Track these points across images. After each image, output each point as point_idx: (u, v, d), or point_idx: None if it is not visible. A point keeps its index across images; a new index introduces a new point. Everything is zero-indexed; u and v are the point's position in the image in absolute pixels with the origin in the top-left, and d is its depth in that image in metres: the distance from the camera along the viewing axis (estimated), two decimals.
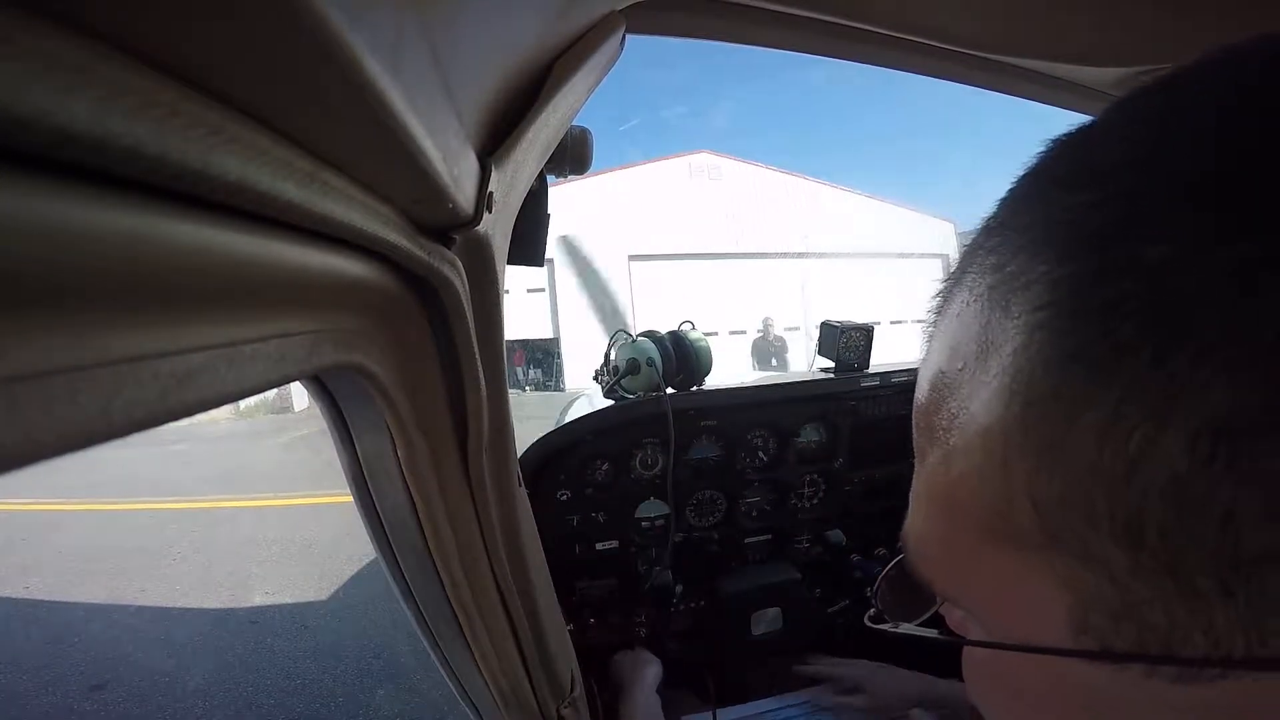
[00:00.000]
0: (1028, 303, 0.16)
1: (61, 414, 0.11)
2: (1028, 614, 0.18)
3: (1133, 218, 0.15)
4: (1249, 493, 0.13)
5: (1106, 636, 0.17)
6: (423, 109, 0.19)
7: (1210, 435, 0.13)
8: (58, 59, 0.09)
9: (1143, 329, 0.14)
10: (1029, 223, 0.17)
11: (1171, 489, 0.14)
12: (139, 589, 3.20)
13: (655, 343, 1.01)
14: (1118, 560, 0.15)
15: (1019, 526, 0.17)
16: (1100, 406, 0.15)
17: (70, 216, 0.10)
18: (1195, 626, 0.15)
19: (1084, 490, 0.15)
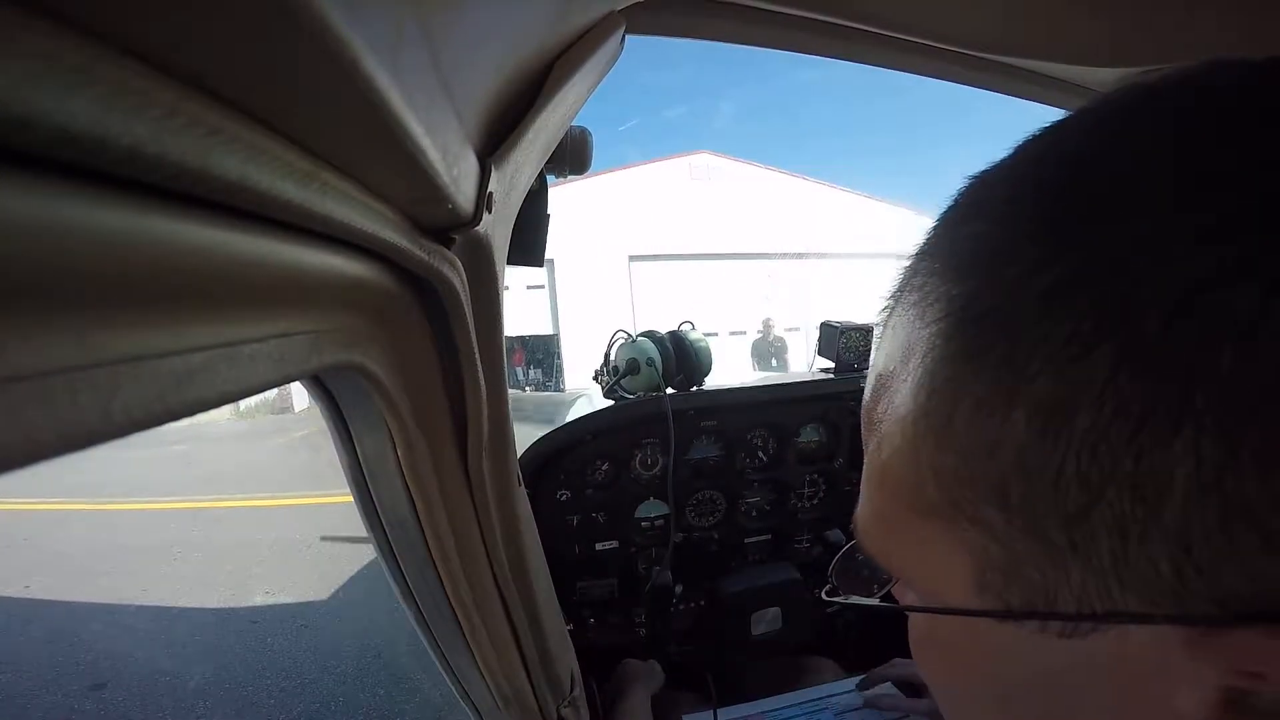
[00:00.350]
0: (932, 315, 0.20)
1: (61, 414, 0.11)
2: (943, 578, 0.21)
3: (999, 247, 0.19)
4: (1070, 457, 0.16)
5: (1003, 595, 0.20)
6: (422, 109, 0.19)
7: (1041, 413, 0.17)
8: (57, 59, 0.09)
9: (999, 335, 0.18)
10: (939, 250, 0.21)
11: (1020, 457, 0.17)
12: (140, 589, 3.20)
13: (655, 343, 1.01)
14: (996, 521, 0.19)
15: (928, 498, 0.20)
16: (974, 394, 0.18)
17: (70, 216, 0.11)
18: (1061, 582, 0.18)
19: (967, 462, 0.19)
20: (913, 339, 0.21)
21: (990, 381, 0.18)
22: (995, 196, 0.20)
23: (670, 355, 1.01)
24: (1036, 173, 0.20)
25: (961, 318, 0.19)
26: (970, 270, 0.19)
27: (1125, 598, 0.17)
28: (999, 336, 0.18)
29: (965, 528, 0.20)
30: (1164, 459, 0.15)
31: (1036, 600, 0.19)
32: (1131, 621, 0.17)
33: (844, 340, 1.12)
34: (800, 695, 0.93)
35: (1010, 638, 0.20)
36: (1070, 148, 0.19)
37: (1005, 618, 0.20)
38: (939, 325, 0.19)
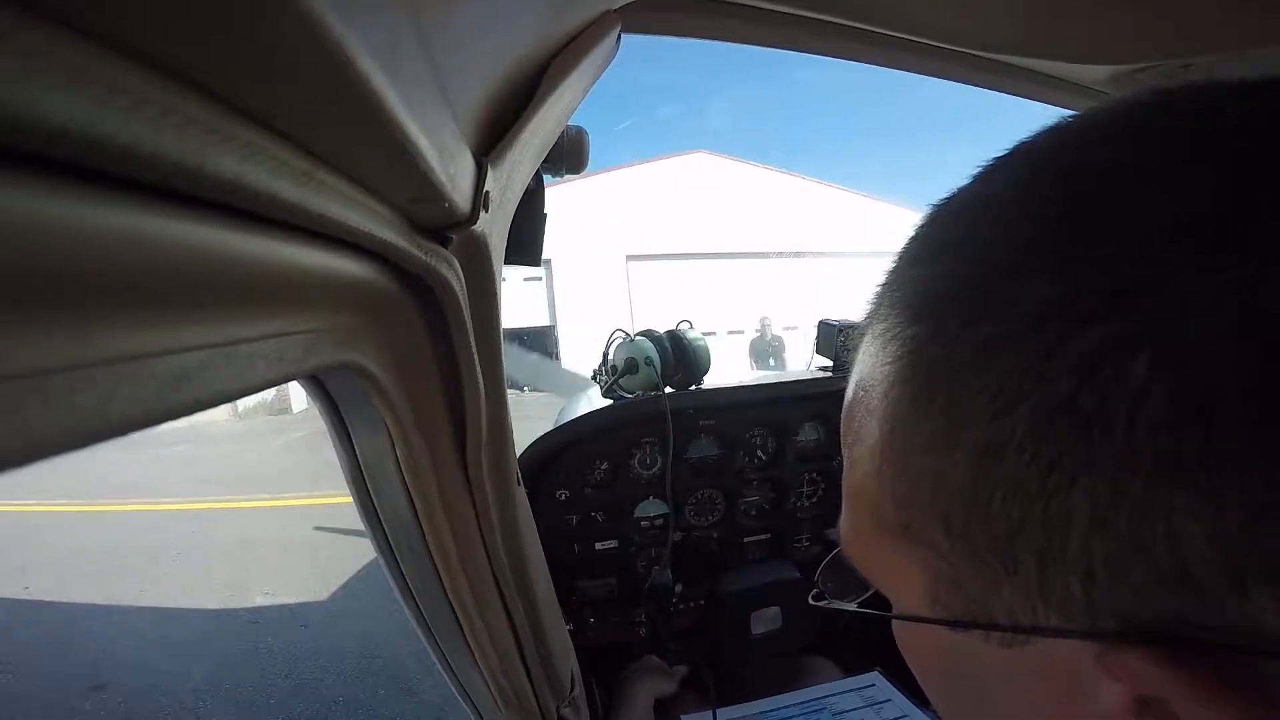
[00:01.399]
0: (892, 353, 0.22)
1: (58, 413, 0.11)
2: (905, 589, 0.24)
3: (944, 292, 0.20)
4: (997, 494, 0.19)
5: (950, 607, 0.22)
6: (418, 108, 0.19)
7: (975, 456, 0.19)
8: (53, 58, 0.09)
9: (943, 383, 0.20)
10: (902, 284, 0.23)
11: (958, 488, 0.20)
12: (139, 589, 3.20)
13: (653, 342, 1.01)
14: (942, 544, 0.21)
15: (888, 519, 0.23)
16: (923, 432, 0.20)
17: (65, 215, 0.11)
18: (996, 598, 0.20)
19: (918, 492, 0.21)
20: (877, 373, 0.23)
21: (937, 424, 0.20)
22: (945, 238, 0.22)
23: (668, 354, 1.01)
24: (974, 218, 0.22)
25: (914, 360, 0.21)
26: (921, 312, 0.21)
27: (1048, 614, 0.19)
28: (943, 384, 0.20)
29: (917, 546, 0.22)
30: (1068, 500, 0.17)
31: (977, 613, 0.21)
32: (1052, 635, 0.19)
33: (842, 338, 1.12)
34: (799, 695, 0.93)
35: (960, 644, 0.22)
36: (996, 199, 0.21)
37: (953, 626, 0.22)
38: (897, 365, 0.22)
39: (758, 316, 7.66)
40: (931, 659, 0.26)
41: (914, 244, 0.24)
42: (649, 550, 1.06)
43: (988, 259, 0.20)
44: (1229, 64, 0.63)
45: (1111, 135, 0.20)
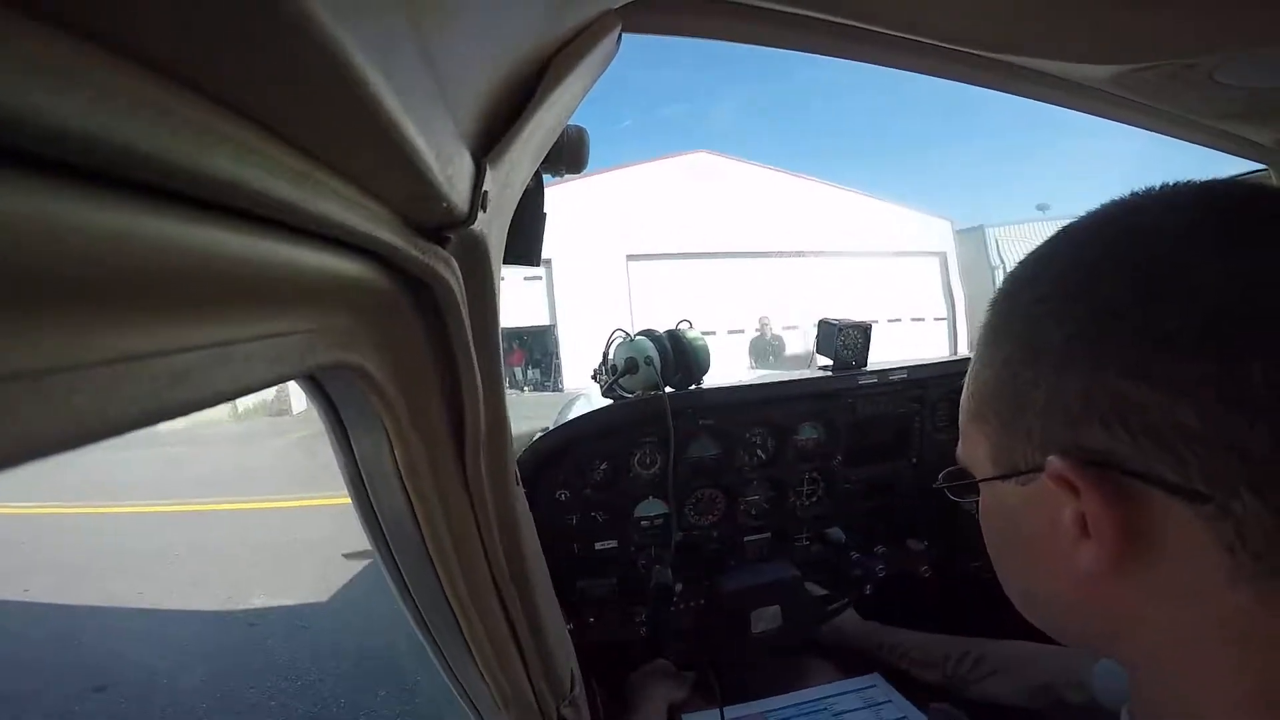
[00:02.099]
0: (982, 327, 0.35)
1: (56, 413, 0.11)
2: (981, 461, 0.35)
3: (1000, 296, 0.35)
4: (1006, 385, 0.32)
5: (1000, 463, 0.33)
6: (416, 108, 0.19)
7: (998, 367, 0.32)
8: (50, 58, 0.09)
9: (991, 334, 0.34)
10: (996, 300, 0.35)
11: (996, 384, 0.33)
12: (138, 591, 3.20)
13: (653, 341, 1.01)
14: (991, 419, 0.33)
15: (970, 410, 0.36)
16: (984, 358, 0.34)
17: (62, 215, 0.11)
18: (1017, 450, 0.31)
19: (981, 388, 0.34)
20: (977, 339, 0.36)
21: (988, 352, 0.34)
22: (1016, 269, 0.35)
23: (668, 354, 1.01)
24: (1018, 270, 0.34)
25: (987, 324, 0.34)
26: (995, 304, 0.34)
27: (1037, 459, 0.30)
28: (997, 334, 0.33)
29: (982, 425, 0.34)
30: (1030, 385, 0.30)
31: (1010, 465, 0.32)
32: (1037, 471, 0.30)
33: (842, 338, 1.12)
34: (800, 696, 0.93)
35: (1007, 492, 0.33)
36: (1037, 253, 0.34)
37: (1000, 478, 0.33)
38: (981, 332, 0.35)
39: (757, 316, 7.65)
40: (993, 508, 0.36)
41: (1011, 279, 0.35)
42: (649, 550, 1.06)
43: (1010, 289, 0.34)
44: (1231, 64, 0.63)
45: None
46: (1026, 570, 0.35)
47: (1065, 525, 0.29)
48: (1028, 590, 0.36)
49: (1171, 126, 0.85)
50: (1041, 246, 0.34)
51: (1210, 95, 0.72)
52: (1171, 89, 0.71)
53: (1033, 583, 0.35)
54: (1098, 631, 0.33)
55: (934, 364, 1.18)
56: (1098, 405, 0.27)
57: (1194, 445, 0.25)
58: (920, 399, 1.17)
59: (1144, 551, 0.27)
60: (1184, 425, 0.25)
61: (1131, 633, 0.30)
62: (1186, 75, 0.67)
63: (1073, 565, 0.30)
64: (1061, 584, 0.32)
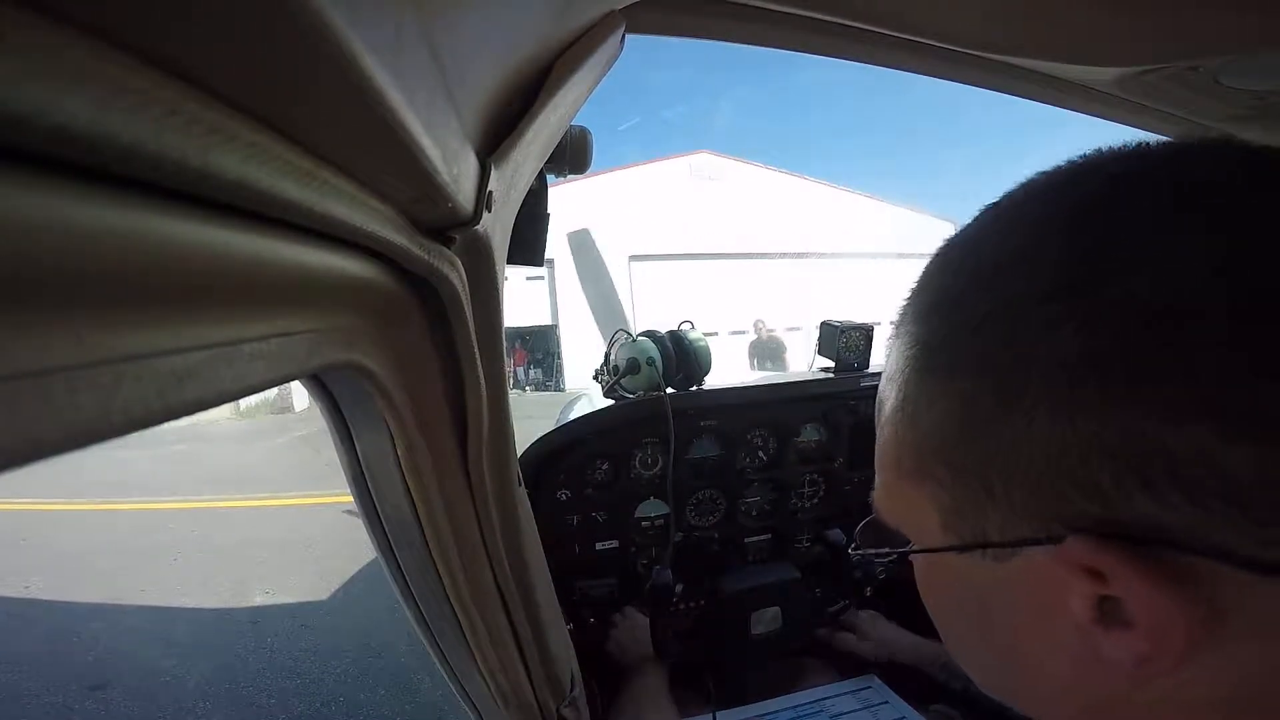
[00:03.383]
0: (906, 347, 0.28)
1: (60, 412, 0.11)
2: (923, 524, 0.28)
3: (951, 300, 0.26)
4: (975, 434, 0.24)
5: (958, 531, 0.26)
6: (422, 108, 0.19)
7: (960, 401, 0.25)
8: (57, 57, 0.09)
9: (937, 356, 0.26)
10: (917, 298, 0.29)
11: (952, 432, 0.25)
12: (139, 589, 3.20)
13: (655, 342, 1.01)
14: (944, 476, 0.26)
15: (905, 466, 0.28)
16: (926, 393, 0.26)
17: (69, 215, 0.11)
18: (986, 517, 0.25)
19: (926, 438, 0.27)
20: (896, 365, 0.29)
21: (934, 385, 0.26)
22: (950, 262, 0.28)
23: (670, 355, 1.01)
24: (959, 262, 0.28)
25: (922, 348, 0.27)
26: (930, 315, 0.27)
27: (1022, 527, 0.23)
28: (939, 358, 0.26)
29: (929, 483, 0.27)
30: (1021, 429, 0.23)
31: (976, 535, 0.25)
32: (1027, 545, 0.24)
33: (844, 340, 1.12)
34: (796, 698, 0.93)
35: (966, 566, 0.27)
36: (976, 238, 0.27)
37: (959, 550, 0.26)
38: (911, 353, 0.27)
39: (752, 319, 7.50)
40: (946, 584, 0.30)
41: (932, 265, 0.29)
42: (649, 550, 1.06)
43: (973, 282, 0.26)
44: (1234, 67, 0.63)
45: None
46: (1004, 657, 0.29)
47: (1073, 610, 0.23)
48: (1003, 679, 0.30)
49: (1174, 129, 0.84)
50: (992, 222, 0.27)
51: (1214, 98, 0.72)
52: (1175, 91, 0.71)
53: (1014, 672, 0.29)
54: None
55: None
56: (1142, 464, 0.20)
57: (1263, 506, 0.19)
58: None
59: (1207, 641, 0.21)
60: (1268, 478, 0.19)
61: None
62: (1190, 78, 0.67)
63: (1087, 656, 0.24)
64: (1062, 676, 0.25)
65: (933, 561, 0.30)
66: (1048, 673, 0.26)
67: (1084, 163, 0.25)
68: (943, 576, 0.30)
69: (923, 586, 0.32)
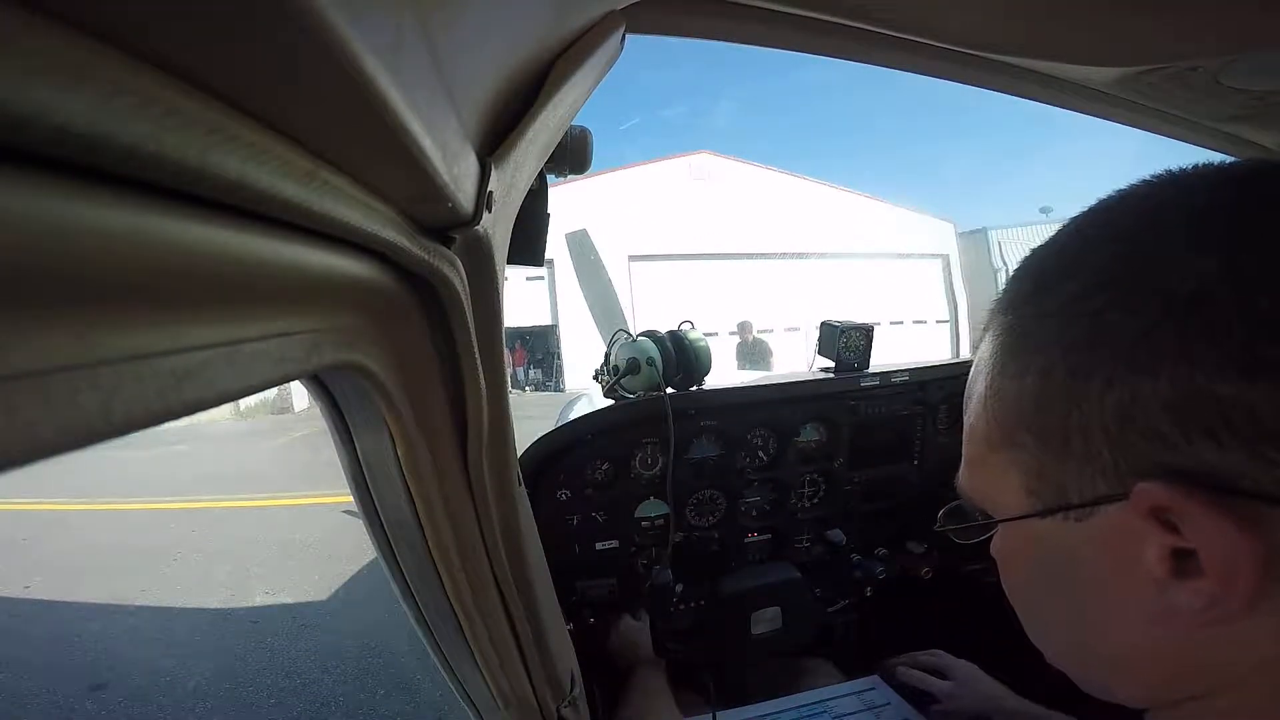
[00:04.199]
0: (993, 338, 0.32)
1: (60, 412, 0.11)
2: (1006, 492, 0.31)
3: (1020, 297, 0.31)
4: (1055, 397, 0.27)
5: (1040, 496, 0.29)
6: (422, 108, 0.19)
7: (1042, 375, 0.28)
8: (56, 57, 0.09)
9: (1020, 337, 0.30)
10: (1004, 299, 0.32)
11: (1035, 399, 0.28)
12: (140, 589, 3.20)
13: (655, 342, 1.01)
14: (1029, 442, 0.29)
15: (993, 438, 0.31)
16: (1009, 370, 0.30)
17: (68, 215, 0.10)
18: (1069, 479, 0.27)
19: (1011, 408, 0.30)
20: (985, 356, 0.32)
21: (1019, 361, 0.29)
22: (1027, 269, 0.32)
23: (670, 355, 1.01)
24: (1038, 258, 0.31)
25: (1005, 334, 0.31)
26: (1010, 310, 0.31)
27: (1100, 485, 0.26)
28: (1021, 339, 0.30)
29: (1013, 452, 0.30)
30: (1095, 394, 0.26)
31: (1059, 497, 0.28)
32: (1105, 502, 0.26)
33: (844, 340, 1.12)
34: (798, 699, 0.93)
35: (1047, 530, 0.29)
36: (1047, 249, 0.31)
37: (1042, 515, 0.29)
38: (998, 343, 0.31)
39: (735, 321, 6.70)
40: (1026, 551, 0.32)
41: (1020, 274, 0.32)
42: (649, 550, 1.06)
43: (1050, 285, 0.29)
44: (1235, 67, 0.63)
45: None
46: (1078, 620, 0.30)
47: (1148, 564, 0.25)
48: (1078, 643, 0.32)
49: (1175, 129, 0.84)
50: (1061, 239, 0.31)
51: (1215, 98, 0.72)
52: (1176, 91, 0.71)
53: (1088, 634, 0.30)
54: (1185, 687, 0.28)
55: (936, 366, 1.18)
56: (1198, 414, 0.23)
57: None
58: (922, 401, 1.17)
59: (1270, 588, 0.23)
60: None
61: (1242, 684, 0.26)
62: (1191, 78, 0.67)
63: (1160, 610, 0.26)
64: (1135, 634, 0.27)
65: (1014, 531, 0.32)
66: (1120, 631, 0.28)
67: (1127, 190, 0.30)
68: (1023, 544, 0.32)
69: (1004, 560, 0.35)
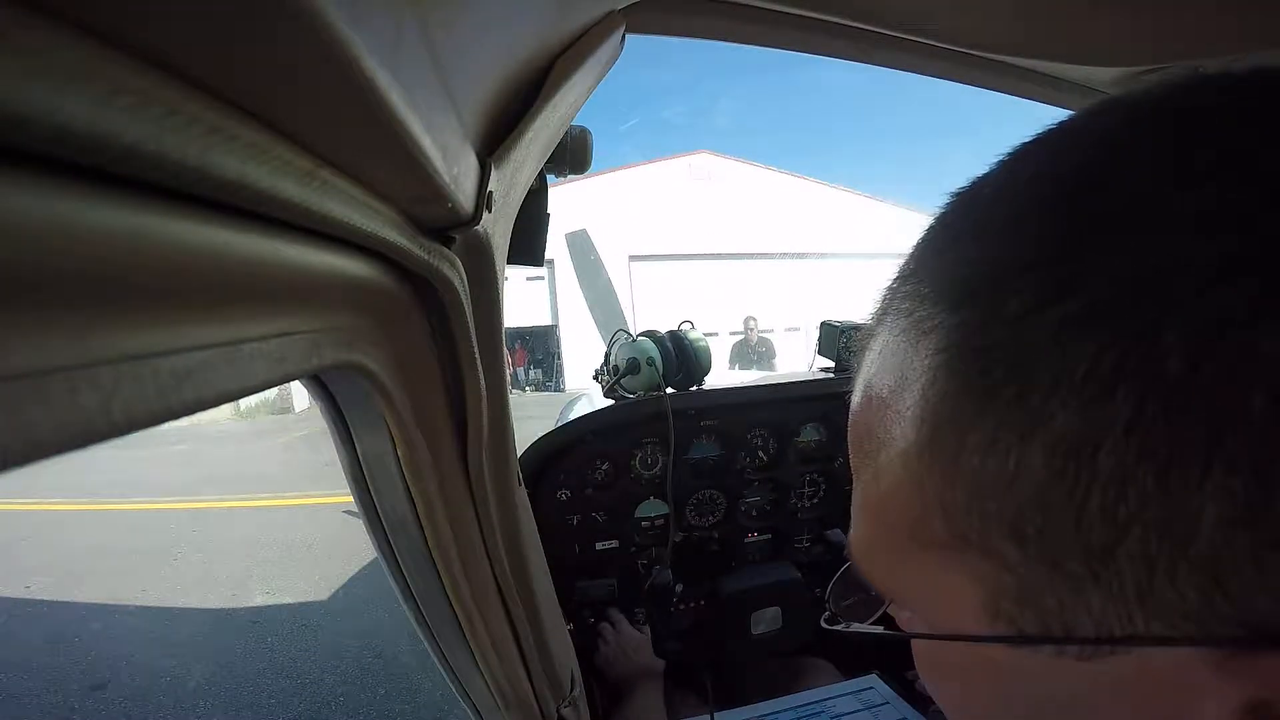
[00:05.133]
0: (930, 346, 0.19)
1: (60, 412, 0.11)
2: (953, 606, 0.21)
3: (999, 275, 0.18)
4: (1094, 494, 0.16)
5: (1016, 620, 0.19)
6: (422, 108, 0.19)
7: (1060, 452, 0.16)
8: (56, 57, 0.09)
9: (1008, 371, 0.17)
10: (931, 273, 0.21)
11: (1038, 493, 0.17)
12: (139, 589, 3.20)
13: (655, 342, 1.01)
14: (1011, 554, 0.18)
15: (934, 531, 0.20)
16: (983, 431, 0.18)
17: (69, 215, 0.10)
18: (1080, 608, 0.18)
19: (978, 498, 0.18)
20: (908, 368, 0.20)
21: (1001, 419, 0.17)
22: (990, 217, 0.20)
23: (670, 355, 1.01)
24: (1036, 192, 0.19)
25: (963, 351, 0.18)
26: (968, 299, 0.19)
27: (1149, 622, 0.17)
28: (1008, 373, 0.17)
29: (976, 559, 0.19)
30: (1193, 498, 0.15)
31: (1053, 626, 0.18)
32: (1154, 645, 0.17)
33: (844, 340, 1.12)
34: (796, 699, 0.93)
35: (1025, 661, 0.20)
36: (1069, 166, 0.18)
37: (1019, 643, 0.19)
38: (940, 357, 0.19)
39: (741, 317, 6.30)
40: (981, 680, 0.23)
41: (939, 232, 0.21)
42: (649, 550, 1.06)
43: (1059, 232, 0.17)
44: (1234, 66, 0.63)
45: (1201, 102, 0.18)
46: None
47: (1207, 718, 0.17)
48: None
49: None
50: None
51: None
52: None
53: None
54: None
55: None
56: None
57: None
58: None
59: None
60: None
61: None
62: None
63: None
64: None
65: (960, 650, 0.22)
66: None
67: None
68: (974, 670, 0.23)
69: (930, 666, 0.25)
